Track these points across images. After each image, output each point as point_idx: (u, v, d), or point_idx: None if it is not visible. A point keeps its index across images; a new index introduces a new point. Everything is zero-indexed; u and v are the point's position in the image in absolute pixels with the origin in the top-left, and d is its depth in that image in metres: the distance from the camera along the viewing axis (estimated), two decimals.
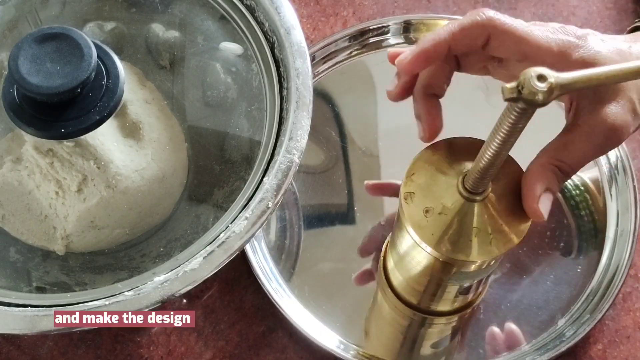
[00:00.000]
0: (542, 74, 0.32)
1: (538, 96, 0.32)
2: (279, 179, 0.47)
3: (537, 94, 0.32)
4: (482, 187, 0.42)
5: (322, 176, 0.62)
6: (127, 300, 0.44)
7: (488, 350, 0.55)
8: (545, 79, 0.32)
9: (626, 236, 0.58)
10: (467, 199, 0.42)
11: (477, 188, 0.42)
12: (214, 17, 0.56)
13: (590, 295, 0.56)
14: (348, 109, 0.64)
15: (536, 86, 0.32)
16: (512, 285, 0.57)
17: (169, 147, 0.54)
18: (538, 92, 0.32)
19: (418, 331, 0.56)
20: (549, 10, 0.69)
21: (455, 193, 0.43)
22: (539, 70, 0.32)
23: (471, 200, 0.42)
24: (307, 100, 0.49)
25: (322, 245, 0.59)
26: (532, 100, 0.32)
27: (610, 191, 0.60)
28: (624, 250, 0.57)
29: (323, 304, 0.57)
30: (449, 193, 0.43)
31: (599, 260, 0.58)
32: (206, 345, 0.55)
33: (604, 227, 0.59)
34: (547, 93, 0.32)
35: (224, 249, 0.45)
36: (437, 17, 0.67)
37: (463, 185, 0.42)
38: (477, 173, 0.40)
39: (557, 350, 0.54)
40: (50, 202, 0.51)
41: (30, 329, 0.43)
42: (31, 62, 0.45)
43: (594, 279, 0.57)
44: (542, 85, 0.32)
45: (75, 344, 0.55)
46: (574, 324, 0.55)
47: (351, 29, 0.66)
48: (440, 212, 0.43)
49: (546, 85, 0.32)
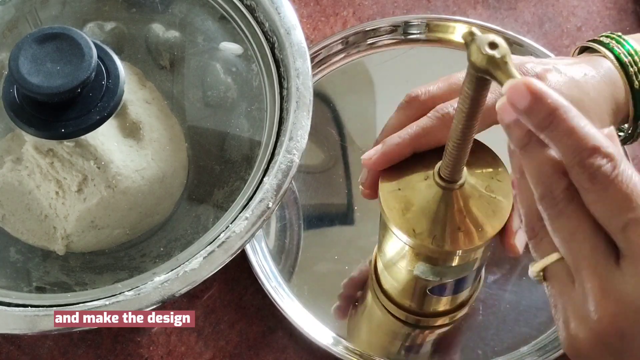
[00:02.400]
0: (493, 41, 0.32)
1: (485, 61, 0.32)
2: (279, 179, 0.47)
3: (486, 59, 0.32)
4: (457, 173, 0.42)
5: (322, 176, 0.62)
6: (127, 300, 0.44)
7: (487, 351, 0.55)
8: (496, 46, 0.32)
9: None
10: (444, 189, 0.42)
11: (453, 175, 0.42)
12: (214, 17, 0.56)
13: None
14: (348, 109, 0.64)
15: (487, 52, 0.32)
16: (512, 287, 0.57)
17: (169, 147, 0.54)
18: (488, 57, 0.32)
19: (413, 332, 0.56)
20: (548, 10, 0.69)
21: (433, 184, 0.43)
22: (490, 38, 0.32)
23: (448, 189, 0.42)
24: (307, 100, 0.49)
25: (322, 245, 0.59)
26: (478, 67, 0.33)
27: None
28: None
29: (323, 304, 0.57)
30: (426, 186, 0.43)
31: None
32: (206, 345, 0.55)
33: None
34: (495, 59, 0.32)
35: (224, 249, 0.45)
36: (437, 17, 0.67)
37: (439, 175, 0.42)
38: (449, 158, 0.40)
39: (557, 352, 0.54)
40: (51, 202, 0.51)
41: (30, 329, 0.43)
42: (31, 62, 0.45)
43: None
44: (493, 51, 0.32)
45: (75, 344, 0.55)
46: None
47: (351, 29, 0.66)
48: (416, 202, 0.43)
49: (497, 52, 0.32)
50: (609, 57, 0.49)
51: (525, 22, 0.69)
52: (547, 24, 0.69)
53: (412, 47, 0.67)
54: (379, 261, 0.53)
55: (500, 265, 0.58)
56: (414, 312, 0.54)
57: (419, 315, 0.55)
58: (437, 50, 0.67)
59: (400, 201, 0.44)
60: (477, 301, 0.56)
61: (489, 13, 0.69)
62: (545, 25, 0.69)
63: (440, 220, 0.43)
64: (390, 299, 0.54)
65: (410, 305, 0.53)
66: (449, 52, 0.66)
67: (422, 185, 0.43)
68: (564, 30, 0.69)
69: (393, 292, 0.54)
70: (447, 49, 0.67)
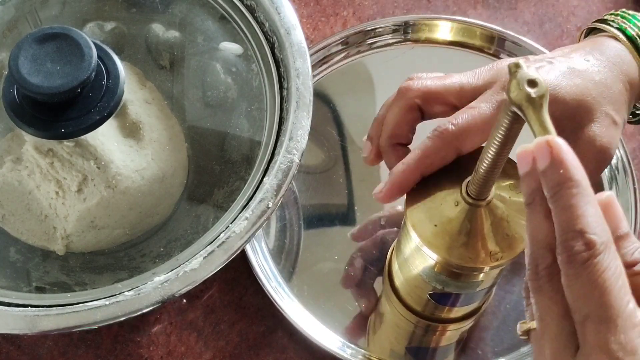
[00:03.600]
0: (534, 79, 0.32)
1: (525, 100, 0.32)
2: (279, 179, 0.47)
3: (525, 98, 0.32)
4: (484, 193, 0.42)
5: (322, 176, 0.62)
6: (127, 300, 0.44)
7: (487, 352, 0.55)
8: (536, 84, 0.32)
9: None
10: (471, 205, 0.42)
11: (480, 194, 0.42)
12: (214, 17, 0.56)
13: None
14: (348, 109, 0.64)
15: (526, 90, 0.32)
16: (512, 287, 0.57)
17: (169, 147, 0.54)
18: (524, 94, 0.32)
19: (421, 337, 0.56)
20: (549, 10, 0.69)
21: (459, 198, 0.43)
22: (532, 75, 0.32)
23: (475, 205, 0.42)
24: (307, 100, 0.49)
25: (322, 245, 0.59)
26: (513, 100, 0.32)
27: (611, 191, 0.60)
28: None
29: (323, 303, 0.57)
30: (452, 202, 0.43)
31: None
32: (206, 345, 0.55)
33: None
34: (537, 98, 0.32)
35: (224, 249, 0.45)
36: (437, 17, 0.67)
37: (467, 191, 0.42)
38: (478, 180, 0.40)
39: None
40: (50, 202, 0.51)
41: (30, 329, 0.43)
42: (31, 62, 0.45)
43: None
44: (533, 90, 0.32)
45: (75, 344, 0.55)
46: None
47: (351, 29, 0.66)
48: (444, 218, 0.43)
49: (536, 90, 0.32)
50: (615, 34, 0.48)
51: (525, 22, 0.69)
52: (547, 24, 0.69)
53: (412, 47, 0.67)
54: (394, 265, 0.53)
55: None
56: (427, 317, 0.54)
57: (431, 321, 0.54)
58: (437, 50, 0.67)
59: (427, 213, 0.43)
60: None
61: (489, 13, 0.69)
62: (545, 25, 0.69)
63: (458, 234, 0.42)
64: (403, 303, 0.54)
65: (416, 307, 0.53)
66: (449, 52, 0.66)
67: (448, 200, 0.43)
68: (564, 30, 0.69)
69: (402, 291, 0.53)
70: (447, 49, 0.67)
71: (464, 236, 0.42)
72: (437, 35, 0.67)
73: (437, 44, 0.67)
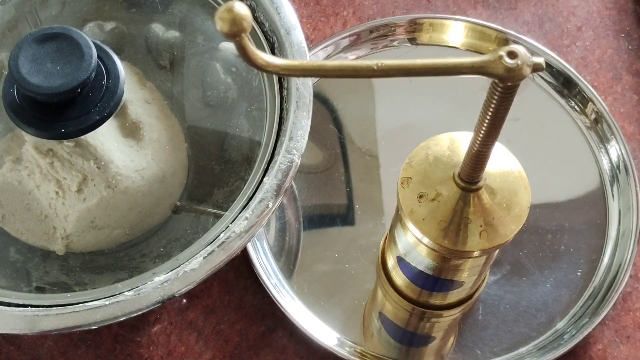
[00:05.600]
0: (512, 51, 0.32)
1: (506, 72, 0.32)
2: (279, 179, 0.47)
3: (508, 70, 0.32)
4: (475, 176, 0.42)
5: (322, 176, 0.62)
6: (127, 300, 0.44)
7: (486, 351, 0.55)
8: (515, 55, 0.32)
9: (628, 236, 0.58)
10: (462, 189, 0.43)
11: (472, 177, 0.42)
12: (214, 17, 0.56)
13: (591, 298, 0.56)
14: (348, 109, 0.64)
15: (507, 63, 0.32)
16: (512, 287, 0.57)
17: (169, 147, 0.54)
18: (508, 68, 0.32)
19: (417, 326, 0.56)
20: (549, 10, 0.69)
21: (451, 182, 0.43)
22: (508, 48, 0.33)
23: (466, 189, 0.43)
24: (307, 100, 0.49)
25: (322, 244, 0.59)
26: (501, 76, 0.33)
27: (612, 191, 0.60)
28: (625, 251, 0.57)
29: (323, 303, 0.57)
30: (446, 181, 0.43)
31: (600, 261, 0.58)
32: (206, 345, 0.55)
33: (605, 227, 0.59)
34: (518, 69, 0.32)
35: (224, 249, 0.45)
36: (437, 17, 0.67)
37: (459, 174, 0.43)
38: (469, 161, 0.41)
39: (556, 353, 0.54)
40: (50, 202, 0.51)
41: (30, 329, 0.43)
42: (31, 62, 0.45)
43: (595, 280, 0.57)
44: (512, 61, 0.32)
45: (75, 344, 0.55)
46: (573, 326, 0.55)
47: (351, 29, 0.66)
48: (434, 199, 0.43)
49: (515, 61, 0.32)
50: None
51: (525, 22, 0.69)
52: (547, 24, 0.69)
53: (412, 47, 0.67)
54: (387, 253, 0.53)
55: (500, 265, 0.58)
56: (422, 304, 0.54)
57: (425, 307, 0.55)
58: (437, 50, 0.67)
59: (416, 191, 0.44)
60: (477, 301, 0.56)
61: (489, 13, 0.69)
62: (545, 25, 0.69)
63: (449, 218, 0.43)
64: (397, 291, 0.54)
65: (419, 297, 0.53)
66: (449, 52, 0.66)
67: (442, 181, 0.43)
68: (564, 30, 0.69)
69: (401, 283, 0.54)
70: (447, 49, 0.67)
71: (455, 220, 0.43)
72: (437, 35, 0.67)
73: (437, 44, 0.67)
